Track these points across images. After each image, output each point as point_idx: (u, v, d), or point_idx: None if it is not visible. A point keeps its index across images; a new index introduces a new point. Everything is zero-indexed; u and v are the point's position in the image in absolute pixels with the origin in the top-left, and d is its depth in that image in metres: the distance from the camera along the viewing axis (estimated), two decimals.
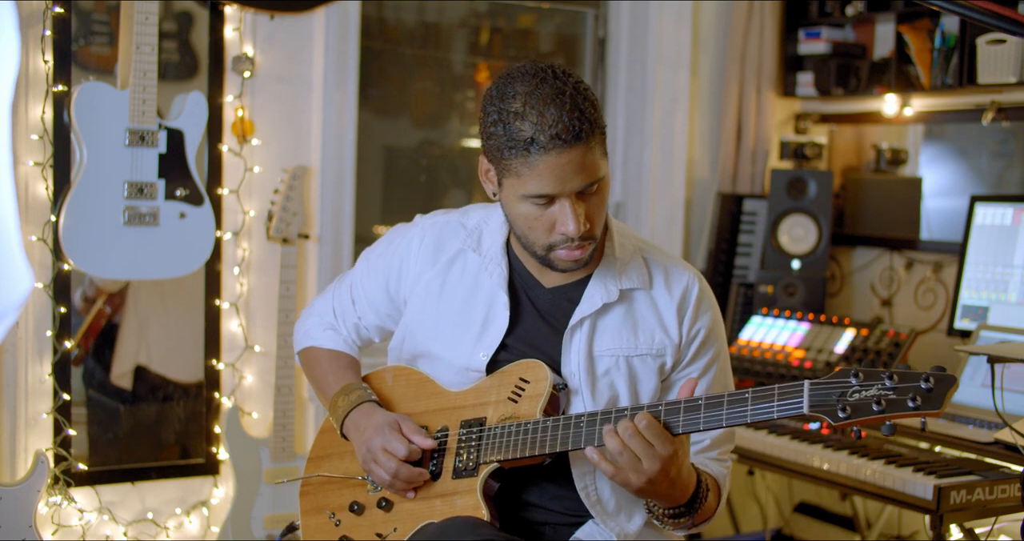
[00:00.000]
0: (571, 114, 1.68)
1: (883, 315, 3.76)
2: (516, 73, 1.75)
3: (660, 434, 1.66)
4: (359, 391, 1.99)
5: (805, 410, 1.58)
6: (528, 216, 1.78)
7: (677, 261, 1.98)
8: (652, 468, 1.66)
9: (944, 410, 1.53)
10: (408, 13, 3.71)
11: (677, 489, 1.74)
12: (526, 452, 1.80)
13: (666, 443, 1.67)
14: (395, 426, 1.89)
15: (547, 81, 1.71)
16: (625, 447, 1.66)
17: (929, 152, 3.85)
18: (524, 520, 1.92)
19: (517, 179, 1.74)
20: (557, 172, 1.70)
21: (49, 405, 2.93)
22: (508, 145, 1.72)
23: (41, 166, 2.87)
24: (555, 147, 1.68)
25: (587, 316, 1.89)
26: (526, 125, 1.69)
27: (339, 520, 2.00)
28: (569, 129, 1.68)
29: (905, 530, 3.56)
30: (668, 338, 1.91)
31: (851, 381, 1.57)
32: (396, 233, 2.11)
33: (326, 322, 2.17)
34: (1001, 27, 1.71)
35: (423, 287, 2.00)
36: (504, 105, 1.72)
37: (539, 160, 1.70)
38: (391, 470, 1.85)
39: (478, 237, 1.98)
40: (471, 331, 1.94)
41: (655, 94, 3.84)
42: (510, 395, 1.87)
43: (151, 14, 2.82)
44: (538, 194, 1.73)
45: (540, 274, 1.94)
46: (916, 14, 3.51)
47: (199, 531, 3.17)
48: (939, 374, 1.54)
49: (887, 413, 1.54)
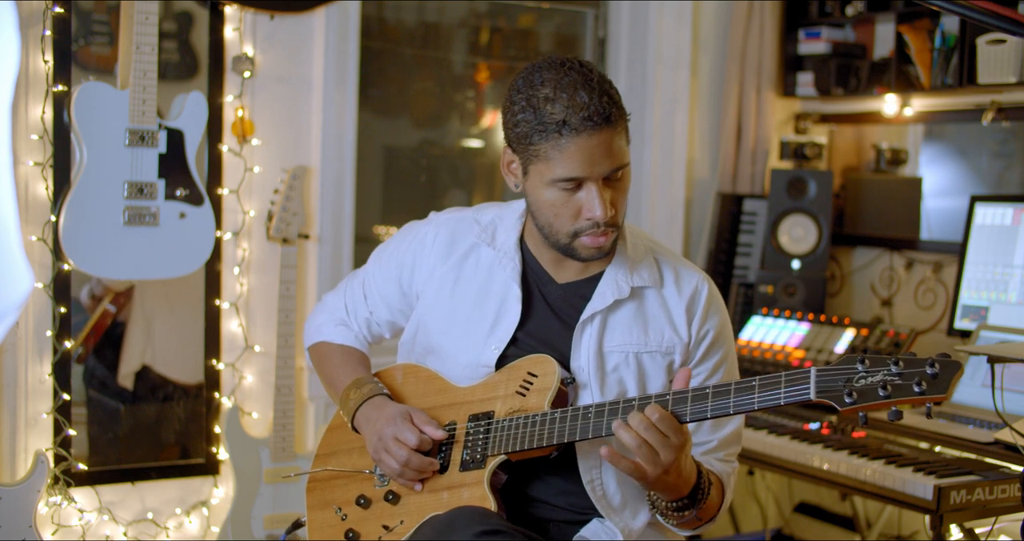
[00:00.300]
0: (600, 98, 1.74)
1: (883, 315, 3.76)
2: (540, 64, 1.80)
3: (673, 425, 1.69)
4: (371, 385, 2.00)
5: (812, 396, 1.60)
6: (555, 202, 1.81)
7: (687, 263, 2.02)
8: (668, 458, 1.69)
9: (950, 395, 1.54)
10: (408, 13, 3.71)
11: (682, 479, 1.76)
12: (534, 444, 1.81)
13: (678, 433, 1.69)
14: (407, 416, 1.91)
15: (574, 69, 1.77)
16: (642, 441, 1.68)
17: (929, 152, 3.85)
18: (529, 517, 1.93)
19: (546, 164, 1.78)
20: (587, 154, 1.75)
21: (49, 405, 2.93)
22: (538, 129, 1.76)
23: (41, 166, 2.87)
24: (586, 129, 1.73)
25: (598, 312, 1.91)
26: (557, 108, 1.74)
27: (345, 514, 2.00)
28: (600, 112, 1.73)
29: (905, 530, 3.56)
30: (677, 337, 1.93)
31: (857, 367, 1.59)
32: (410, 229, 2.13)
33: (337, 318, 2.19)
34: (1001, 27, 1.71)
35: (437, 281, 2.02)
36: (533, 92, 1.77)
37: (570, 142, 1.74)
38: (402, 459, 1.86)
39: (492, 232, 2.01)
40: (484, 324, 1.96)
41: (655, 94, 3.84)
42: (518, 389, 1.88)
43: (151, 14, 2.82)
44: (568, 177, 1.77)
45: (553, 270, 1.97)
46: (916, 14, 3.51)
47: (199, 531, 3.17)
48: (945, 360, 1.56)
49: (893, 398, 1.55)
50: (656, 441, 1.68)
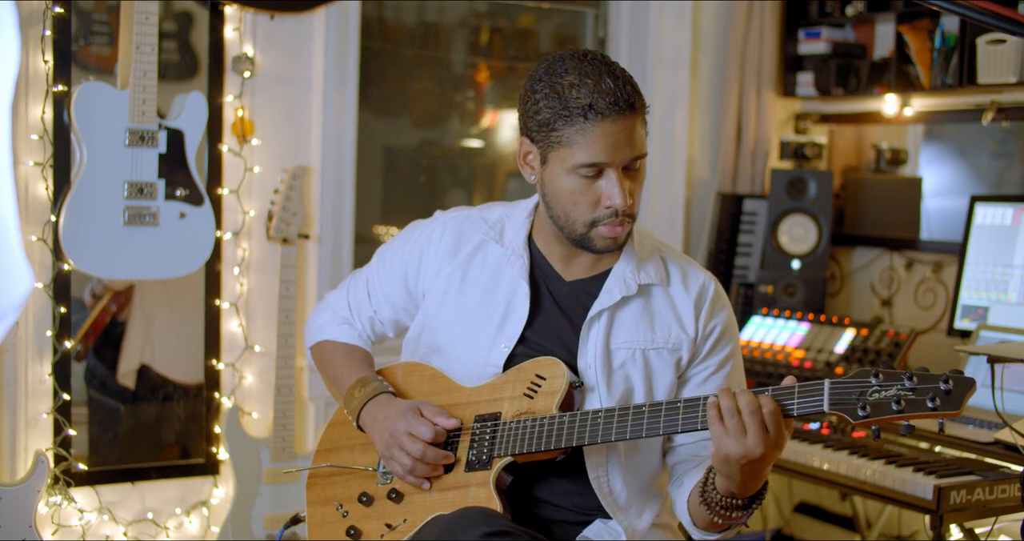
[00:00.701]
0: (624, 86, 1.77)
1: (883, 315, 3.76)
2: (561, 55, 1.83)
3: (780, 422, 1.63)
4: (375, 383, 1.99)
5: (825, 408, 1.60)
6: (574, 190, 1.82)
7: (693, 263, 2.02)
8: (756, 446, 1.61)
9: (963, 412, 1.54)
10: (408, 13, 3.71)
11: (754, 479, 1.70)
12: (540, 446, 1.81)
13: (778, 426, 1.63)
14: (416, 410, 1.90)
15: (596, 59, 1.81)
16: (739, 420, 1.62)
17: (929, 152, 3.85)
18: (533, 517, 1.93)
19: (568, 149, 1.79)
20: (611, 139, 1.77)
21: (49, 405, 2.93)
22: (563, 114, 1.78)
23: (41, 166, 2.87)
24: (612, 113, 1.76)
25: (606, 308, 1.91)
26: (583, 93, 1.76)
27: (347, 511, 2.00)
28: (625, 98, 1.76)
29: (905, 530, 3.56)
30: (684, 333, 1.93)
31: (871, 381, 1.59)
32: (415, 227, 2.12)
33: (340, 316, 2.18)
34: (1001, 27, 1.71)
35: (443, 280, 2.02)
36: (556, 79, 1.79)
37: (595, 127, 1.76)
38: (417, 453, 1.85)
39: (500, 229, 2.01)
40: (492, 322, 1.95)
41: (655, 94, 3.84)
42: (526, 391, 1.88)
43: (151, 14, 2.82)
44: (591, 162, 1.78)
45: (561, 267, 1.97)
46: (916, 14, 3.51)
47: (199, 531, 3.17)
48: (958, 376, 1.56)
49: (906, 413, 1.56)
50: (753, 428, 1.61)
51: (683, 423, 1.71)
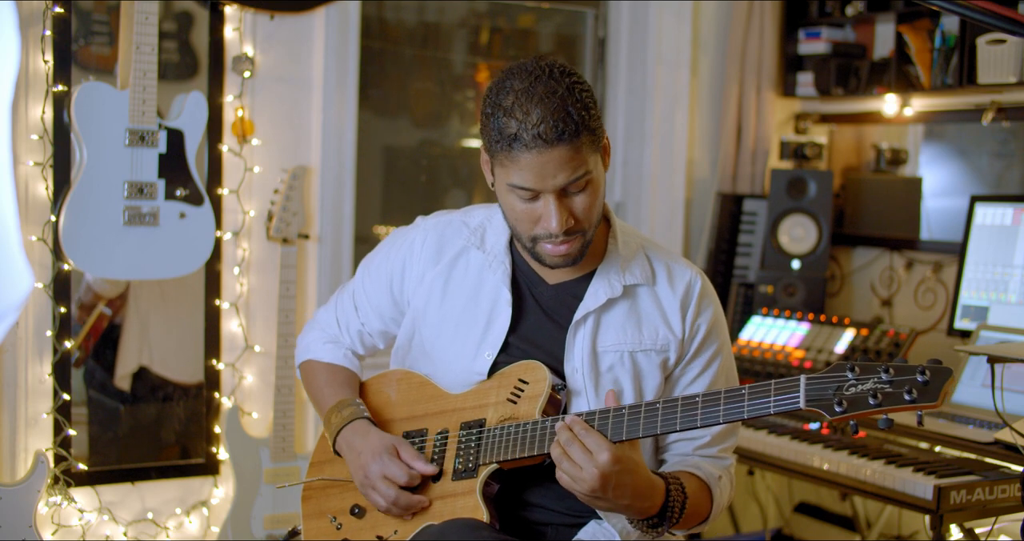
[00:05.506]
0: (555, 115, 1.70)
1: (883, 315, 3.76)
2: (516, 69, 1.79)
3: (597, 441, 1.67)
4: (352, 408, 1.98)
5: (802, 405, 1.58)
6: (515, 207, 1.80)
7: (679, 258, 2.00)
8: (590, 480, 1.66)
9: (941, 403, 1.51)
10: (408, 13, 3.71)
11: (639, 502, 1.72)
12: (525, 452, 1.80)
13: (602, 450, 1.66)
14: (393, 451, 1.89)
15: (541, 80, 1.74)
16: (564, 454, 1.69)
17: (929, 152, 3.85)
18: (526, 521, 1.92)
19: (503, 170, 1.78)
20: (538, 169, 1.73)
21: (49, 405, 2.93)
22: (495, 138, 1.75)
23: (41, 166, 2.87)
24: (536, 146, 1.71)
25: (591, 311, 1.89)
26: (512, 122, 1.72)
27: (340, 523, 2.00)
28: (552, 130, 1.70)
29: (905, 530, 3.56)
30: (672, 333, 1.92)
31: (847, 375, 1.57)
32: (397, 236, 2.11)
33: (328, 335, 2.17)
34: (1001, 27, 1.71)
35: (427, 286, 2.00)
36: (498, 99, 1.76)
37: (520, 156, 1.73)
38: (390, 498, 1.86)
39: (481, 235, 1.99)
40: (475, 330, 1.94)
41: (655, 94, 3.84)
42: (509, 396, 1.87)
43: (151, 14, 2.82)
44: (521, 187, 1.76)
45: (544, 271, 1.95)
46: (916, 14, 3.51)
47: (199, 531, 3.17)
48: (935, 367, 1.53)
49: (883, 406, 1.53)
50: (579, 457, 1.67)
51: (662, 424, 1.69)
